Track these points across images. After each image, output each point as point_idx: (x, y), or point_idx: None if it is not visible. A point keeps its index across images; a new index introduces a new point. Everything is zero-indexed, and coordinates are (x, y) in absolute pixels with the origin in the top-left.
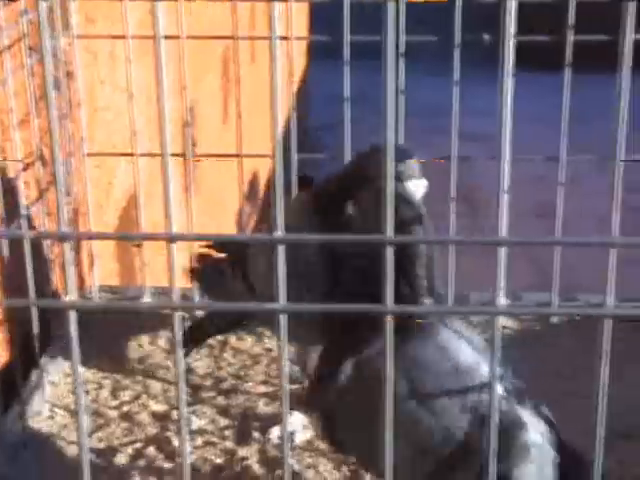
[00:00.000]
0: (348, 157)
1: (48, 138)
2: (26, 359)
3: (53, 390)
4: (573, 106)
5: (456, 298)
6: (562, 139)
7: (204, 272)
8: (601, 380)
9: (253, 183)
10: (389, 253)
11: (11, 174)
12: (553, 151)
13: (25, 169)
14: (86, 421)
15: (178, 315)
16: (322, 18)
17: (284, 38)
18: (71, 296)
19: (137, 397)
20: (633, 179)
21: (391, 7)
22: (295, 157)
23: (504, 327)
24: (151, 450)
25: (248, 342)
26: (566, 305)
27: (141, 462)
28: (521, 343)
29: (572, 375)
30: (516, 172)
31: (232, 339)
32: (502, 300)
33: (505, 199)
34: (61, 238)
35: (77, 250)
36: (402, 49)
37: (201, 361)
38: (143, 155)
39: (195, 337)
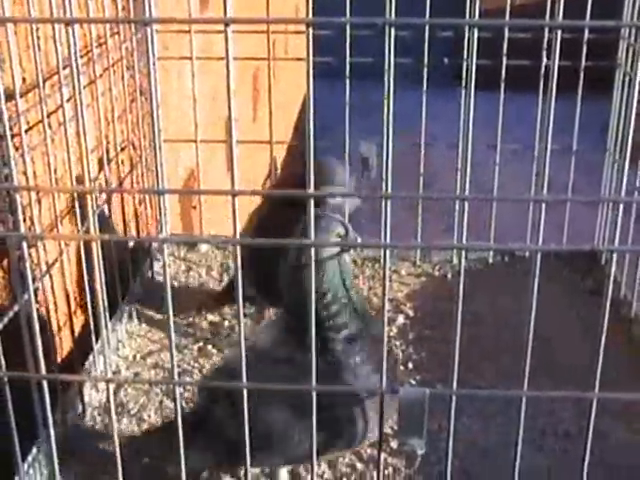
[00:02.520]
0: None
1: (137, 130)
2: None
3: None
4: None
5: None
6: (498, 133)
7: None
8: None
9: (274, 167)
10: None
11: (112, 154)
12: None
13: (122, 150)
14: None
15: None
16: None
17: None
18: (164, 233)
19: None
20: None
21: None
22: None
23: (456, 265)
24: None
25: None
26: (501, 247)
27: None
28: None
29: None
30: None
31: None
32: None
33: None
34: (158, 192)
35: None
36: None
37: None
38: (202, 142)
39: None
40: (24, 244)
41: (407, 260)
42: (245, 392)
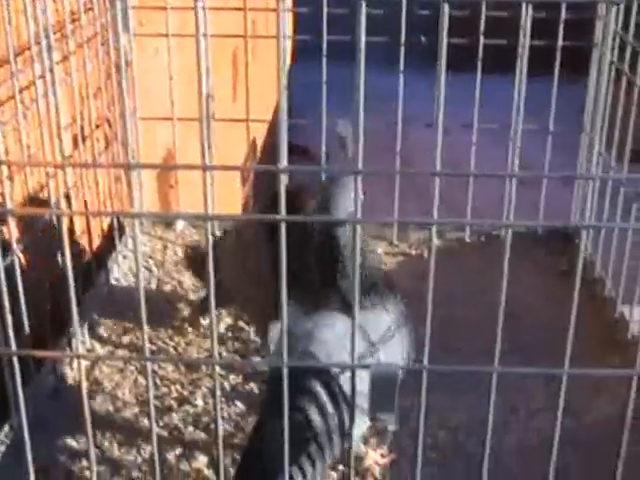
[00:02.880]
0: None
1: (112, 107)
2: None
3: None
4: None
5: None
6: (475, 113)
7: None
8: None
9: (253, 146)
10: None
11: (87, 132)
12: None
13: (97, 127)
14: None
15: (210, 224)
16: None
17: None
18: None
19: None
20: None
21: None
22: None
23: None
24: None
25: None
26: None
27: None
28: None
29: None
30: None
31: None
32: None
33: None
34: (129, 166)
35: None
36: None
37: None
38: (179, 119)
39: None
40: None
41: (384, 239)
42: None
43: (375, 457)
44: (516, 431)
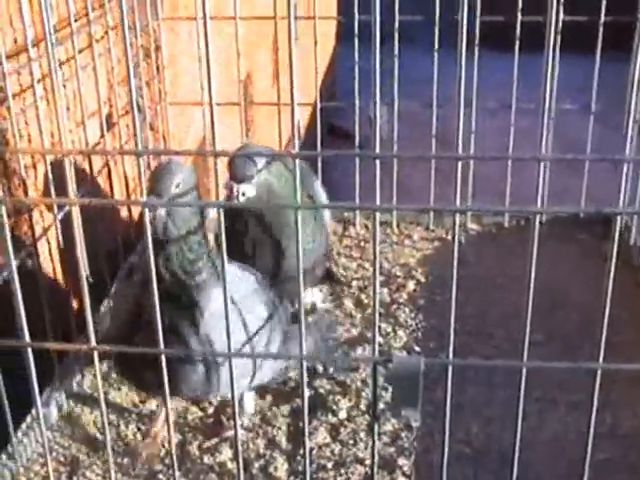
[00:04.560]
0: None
1: (142, 92)
2: None
3: None
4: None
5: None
6: (513, 92)
7: None
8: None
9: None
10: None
11: (114, 119)
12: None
13: (125, 114)
14: None
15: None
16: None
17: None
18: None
19: None
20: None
21: None
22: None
23: (470, 229)
24: None
25: None
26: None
27: None
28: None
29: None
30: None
31: None
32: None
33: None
34: (137, 154)
35: None
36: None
37: None
38: (211, 104)
39: None
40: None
41: (420, 225)
42: None
43: None
44: (554, 424)
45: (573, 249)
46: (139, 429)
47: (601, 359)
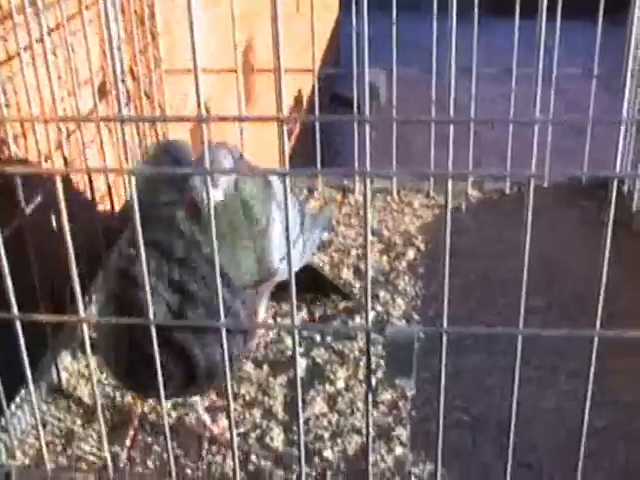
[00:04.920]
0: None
1: (137, 60)
2: None
3: None
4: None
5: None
6: (514, 57)
7: None
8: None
9: (298, 98)
10: None
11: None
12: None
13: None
14: None
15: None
16: None
17: None
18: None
19: None
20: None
21: None
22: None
23: (471, 195)
24: None
25: None
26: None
27: None
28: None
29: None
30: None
31: None
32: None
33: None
34: (121, 119)
35: None
36: None
37: None
38: (209, 72)
39: None
40: None
41: (421, 192)
42: None
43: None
44: (554, 392)
45: (575, 215)
46: (133, 398)
47: (597, 326)
